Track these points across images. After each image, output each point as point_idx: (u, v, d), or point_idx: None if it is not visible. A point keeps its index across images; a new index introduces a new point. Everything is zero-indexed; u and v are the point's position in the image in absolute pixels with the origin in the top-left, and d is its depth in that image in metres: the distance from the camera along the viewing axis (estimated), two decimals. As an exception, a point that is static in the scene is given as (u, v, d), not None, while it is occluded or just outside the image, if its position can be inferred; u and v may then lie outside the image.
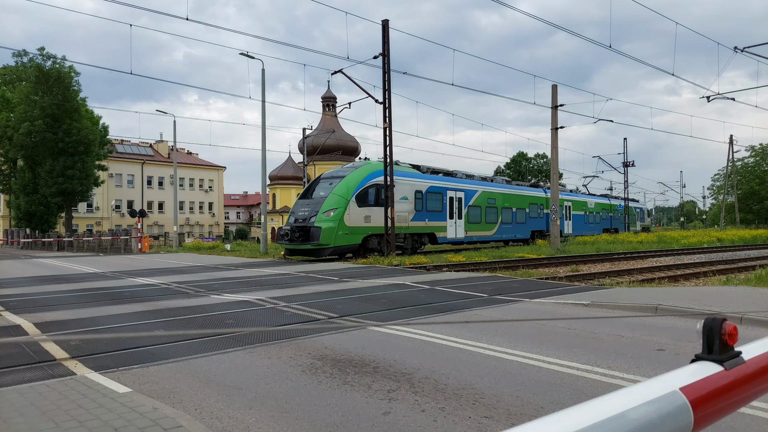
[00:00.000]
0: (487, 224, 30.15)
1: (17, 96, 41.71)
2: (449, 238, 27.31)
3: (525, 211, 33.97)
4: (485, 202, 30.01)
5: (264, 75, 27.51)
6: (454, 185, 27.90)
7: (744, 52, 22.66)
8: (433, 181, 26.44)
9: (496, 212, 31.00)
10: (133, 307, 9.29)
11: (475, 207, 29.17)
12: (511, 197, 32.85)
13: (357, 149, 48.38)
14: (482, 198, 29.87)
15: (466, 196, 28.51)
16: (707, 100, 26.42)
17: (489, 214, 30.36)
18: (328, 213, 20.97)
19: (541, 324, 7.33)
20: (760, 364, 1.16)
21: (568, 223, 39.14)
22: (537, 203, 35.59)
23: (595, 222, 44.36)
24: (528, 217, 34.16)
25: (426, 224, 25.56)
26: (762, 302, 8.72)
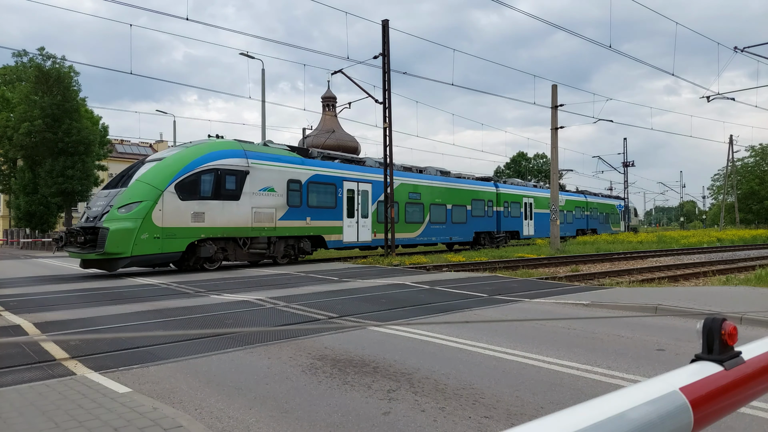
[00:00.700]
0: (409, 224, 24.59)
1: (17, 96, 41.69)
2: (347, 242, 21.57)
3: (466, 208, 28.40)
4: (405, 197, 24.43)
5: (264, 75, 27.53)
6: (354, 174, 21.97)
7: (744, 52, 22.67)
8: (319, 169, 20.62)
9: (421, 210, 25.42)
10: (133, 307, 9.29)
11: None
12: (445, 192, 27.15)
13: (357, 149, 48.35)
14: (399, 192, 24.05)
15: (376, 190, 22.77)
16: (707, 100, 26.44)
17: (412, 212, 24.82)
18: (127, 208, 15.20)
19: (541, 324, 7.33)
20: (760, 364, 1.16)
21: (527, 223, 34.76)
22: (482, 199, 30.01)
23: (566, 222, 39.65)
24: (470, 216, 28.68)
25: (307, 224, 19.83)
26: (762, 302, 8.72)
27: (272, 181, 18.63)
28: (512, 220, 32.88)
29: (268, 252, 18.56)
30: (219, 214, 16.99)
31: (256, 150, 18.65)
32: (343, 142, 45.46)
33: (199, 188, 16.66)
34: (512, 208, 32.90)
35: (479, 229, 29.65)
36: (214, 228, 16.90)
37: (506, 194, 32.55)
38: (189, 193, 16.33)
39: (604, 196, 50.03)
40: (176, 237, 16.01)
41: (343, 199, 21.37)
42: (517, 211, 33.47)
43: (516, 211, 33.30)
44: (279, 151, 19.80)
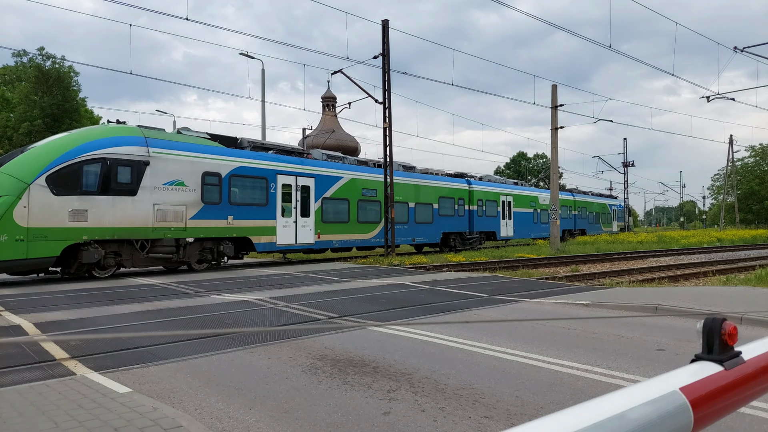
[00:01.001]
0: (362, 224, 22.13)
1: (17, 96, 41.69)
2: (283, 244, 18.96)
3: (432, 207, 25.92)
4: (357, 194, 21.91)
5: (263, 75, 27.53)
6: (292, 168, 19.48)
7: (744, 52, 22.67)
8: (245, 160, 18.00)
9: (378, 208, 22.82)
10: (133, 307, 9.29)
11: (338, 201, 21.16)
12: (407, 189, 24.57)
13: (357, 149, 48.37)
14: (350, 188, 21.64)
15: (320, 185, 20.42)
16: (707, 100, 26.45)
17: (365, 210, 22.33)
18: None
19: (541, 324, 7.33)
20: (760, 364, 1.16)
21: (506, 223, 32.22)
22: (452, 197, 27.49)
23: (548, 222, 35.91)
24: (437, 215, 26.15)
25: (229, 224, 17.26)
26: (762, 302, 8.72)
27: (182, 173, 15.99)
28: (488, 219, 30.46)
29: (176, 256, 16.07)
30: (108, 212, 14.46)
31: (162, 137, 16.06)
32: (343, 142, 45.45)
33: (81, 181, 14.11)
34: (488, 207, 30.46)
35: (449, 229, 27.12)
36: (101, 228, 14.34)
37: (480, 192, 29.96)
38: (66, 186, 13.82)
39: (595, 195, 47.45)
40: (48, 239, 13.47)
41: (276, 195, 18.73)
42: (494, 210, 31.04)
43: (492, 210, 30.90)
44: (193, 139, 17.11)
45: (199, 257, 16.74)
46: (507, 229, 32.43)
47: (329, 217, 20.80)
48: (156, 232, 15.43)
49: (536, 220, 35.73)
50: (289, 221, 19.21)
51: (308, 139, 36.90)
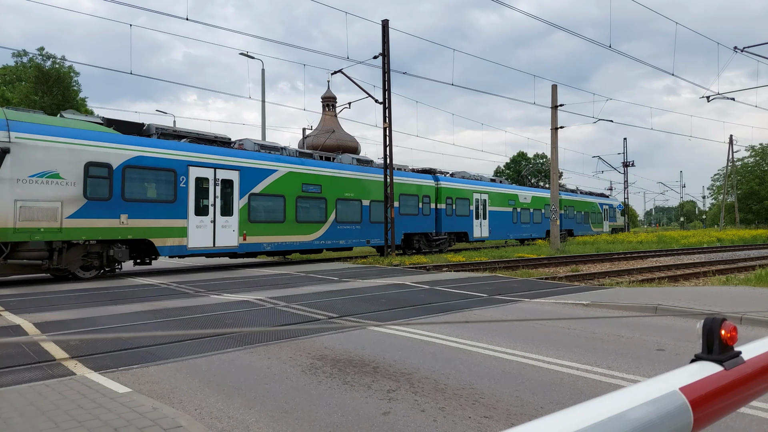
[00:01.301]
0: (302, 224, 19.59)
1: (17, 96, 41.69)
2: (196, 248, 16.12)
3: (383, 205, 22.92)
4: (296, 190, 19.40)
5: (264, 75, 27.53)
6: (209, 159, 16.66)
7: (744, 52, 22.68)
8: (145, 149, 15.29)
9: (323, 206, 20.42)
10: (133, 307, 9.28)
11: (272, 197, 18.57)
12: (360, 185, 22.03)
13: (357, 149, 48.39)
14: (288, 183, 19.08)
15: (247, 179, 17.76)
16: (707, 100, 26.45)
17: (306, 208, 19.86)
18: None
19: (541, 324, 7.33)
20: (759, 364, 1.16)
21: (480, 223, 29.57)
22: (415, 195, 25.10)
23: (531, 222, 34.58)
24: (397, 214, 23.62)
25: (123, 224, 14.69)
26: (762, 302, 8.72)
27: (57, 163, 13.41)
28: (459, 219, 27.84)
29: (49, 263, 13.46)
30: None
31: (32, 120, 13.41)
32: (343, 142, 45.52)
33: None
34: (459, 206, 27.82)
35: (411, 229, 24.66)
36: None
37: (450, 189, 27.28)
38: None
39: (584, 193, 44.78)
40: None
41: (188, 190, 15.96)
42: (466, 209, 28.39)
43: (464, 209, 28.27)
44: (77, 123, 14.52)
45: (83, 263, 14.22)
46: (481, 229, 29.70)
47: (259, 216, 18.15)
48: (19, 234, 12.75)
49: (515, 220, 32.91)
50: (205, 221, 16.45)
51: (308, 139, 36.89)
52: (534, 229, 35.02)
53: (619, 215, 50.41)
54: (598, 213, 45.27)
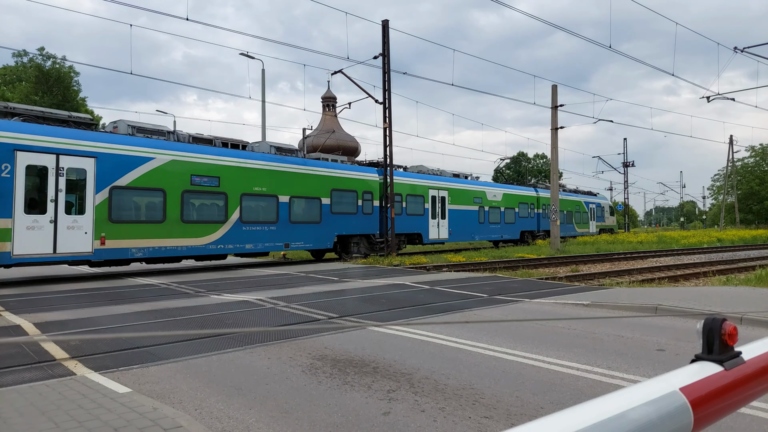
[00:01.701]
0: (191, 225, 16.14)
1: (17, 96, 41.70)
2: (24, 255, 13.04)
3: (319, 202, 20.12)
4: (183, 183, 16.01)
5: (264, 75, 27.53)
6: (48, 142, 13.61)
7: (744, 52, 22.68)
8: None
9: (222, 203, 17.07)
10: (133, 307, 9.29)
11: (146, 192, 15.27)
12: (275, 178, 18.72)
13: (357, 149, 48.40)
14: (170, 174, 15.71)
15: (108, 168, 14.55)
16: (707, 101, 26.45)
17: (197, 206, 16.47)
18: None
19: (542, 324, 7.33)
20: (760, 364, 1.16)
21: (437, 223, 26.05)
22: (353, 190, 21.59)
23: (502, 222, 31.27)
24: (328, 212, 20.43)
25: None
26: (762, 302, 8.72)
27: None
28: (410, 219, 24.45)
29: None
30: None
31: None
32: (343, 142, 45.48)
33: None
34: (411, 204, 24.48)
35: (346, 230, 21.33)
36: None
37: (398, 185, 23.79)
38: None
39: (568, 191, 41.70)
40: None
41: (13, 181, 12.91)
42: (420, 208, 25.05)
43: (417, 207, 24.92)
44: None
45: None
46: (439, 230, 26.20)
47: (126, 215, 14.84)
48: None
49: (483, 220, 29.40)
50: (40, 220, 13.30)
51: (308, 139, 36.91)
52: (506, 229, 31.83)
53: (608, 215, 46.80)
54: (584, 212, 41.94)
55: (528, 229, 34.13)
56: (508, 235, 32.03)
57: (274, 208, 18.63)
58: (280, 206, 18.79)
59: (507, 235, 31.90)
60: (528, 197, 34.44)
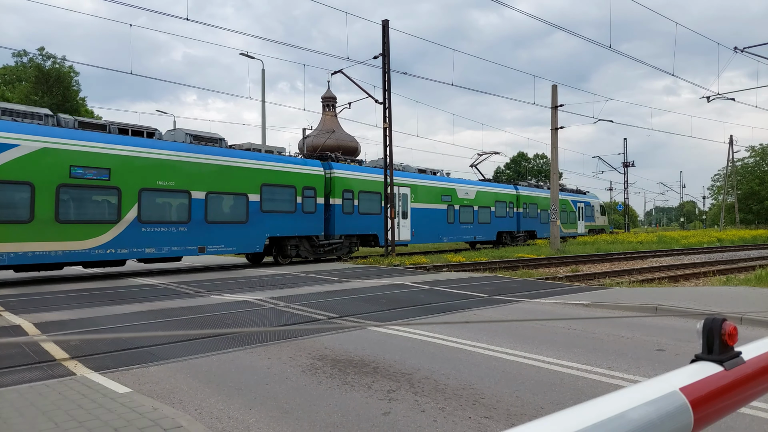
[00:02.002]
0: (69, 225, 13.68)
1: (17, 96, 41.71)
2: None
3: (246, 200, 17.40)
4: (59, 176, 13.58)
5: (264, 75, 27.53)
6: None
7: (744, 53, 22.69)
8: None
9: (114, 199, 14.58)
10: (133, 307, 9.29)
11: (4, 186, 12.77)
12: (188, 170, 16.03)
13: (357, 149, 48.42)
14: (41, 164, 13.26)
15: None
16: (707, 101, 26.45)
17: (79, 202, 13.98)
18: None
19: (541, 324, 7.33)
20: (760, 364, 1.16)
21: (396, 222, 23.42)
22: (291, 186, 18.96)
23: (476, 221, 28.71)
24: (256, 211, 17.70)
25: None
26: (762, 302, 8.72)
27: None
28: (363, 218, 22.05)
29: None
30: None
31: None
32: (343, 142, 45.49)
33: None
34: (364, 202, 22.05)
35: (283, 232, 18.63)
36: None
37: (347, 179, 21.57)
38: None
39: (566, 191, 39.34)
40: None
41: None
42: (376, 206, 22.58)
43: (372, 205, 22.48)
44: None
45: None
46: (400, 230, 23.66)
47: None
48: None
49: (452, 219, 26.83)
50: None
51: (308, 139, 36.91)
52: (480, 230, 29.22)
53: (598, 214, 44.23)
54: (571, 212, 38.98)
55: (506, 230, 31.80)
56: (483, 235, 29.65)
57: (185, 206, 15.97)
58: (193, 204, 16.11)
59: (481, 236, 29.51)
60: (506, 195, 32.06)
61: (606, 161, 60.43)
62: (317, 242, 20.11)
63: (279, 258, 19.33)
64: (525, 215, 33.48)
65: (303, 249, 19.74)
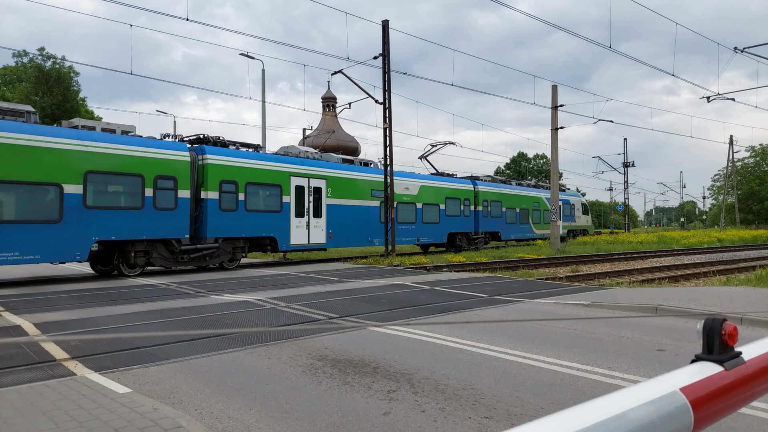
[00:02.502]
0: None
1: (17, 96, 41.72)
2: None
3: (53, 192, 13.58)
4: None
5: (264, 75, 27.52)
6: None
7: (744, 53, 22.69)
8: None
9: None
10: (133, 307, 9.29)
11: None
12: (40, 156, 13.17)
13: (357, 149, 48.44)
14: None
15: None
16: (707, 101, 26.46)
17: None
18: None
19: (542, 324, 7.33)
20: (760, 364, 1.16)
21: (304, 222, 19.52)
22: (138, 176, 15.07)
23: (419, 221, 25.14)
24: (76, 207, 13.92)
25: None
26: (762, 302, 8.71)
27: None
28: (253, 217, 18.08)
29: None
30: None
31: None
32: (343, 142, 45.52)
33: None
34: (253, 197, 18.14)
35: (118, 234, 14.65)
36: None
37: (228, 169, 17.36)
38: None
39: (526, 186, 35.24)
40: None
41: None
42: (275, 203, 18.79)
43: (270, 201, 18.69)
44: None
45: None
46: (310, 232, 19.74)
47: None
48: None
49: (383, 219, 22.70)
50: None
51: (308, 139, 36.91)
52: (425, 230, 25.41)
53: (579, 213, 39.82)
54: (545, 210, 34.92)
55: (460, 231, 27.72)
56: (430, 237, 25.82)
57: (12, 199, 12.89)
58: None
59: (427, 238, 25.69)
60: (460, 191, 27.74)
61: (606, 161, 60.50)
62: (178, 247, 15.95)
63: (124, 267, 15.29)
64: (486, 214, 29.58)
65: (157, 256, 15.75)
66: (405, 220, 24.40)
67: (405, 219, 24.43)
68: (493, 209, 30.26)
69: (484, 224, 29.53)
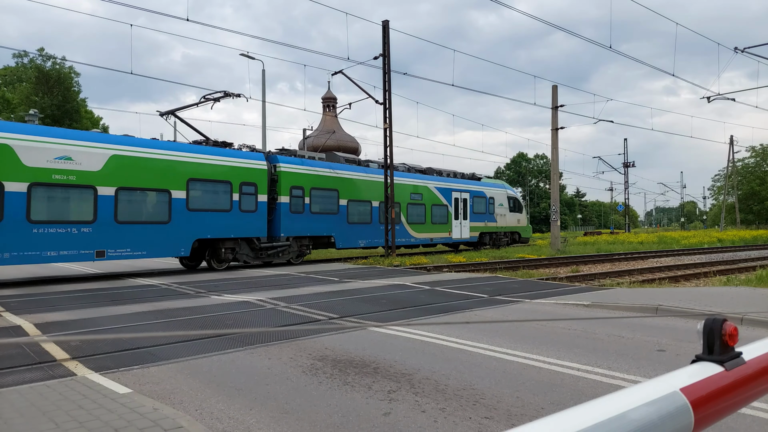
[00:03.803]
0: None
1: (17, 97, 41.76)
2: None
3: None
4: None
5: (264, 75, 27.53)
6: None
7: (744, 53, 22.68)
8: None
9: None
10: (134, 307, 9.29)
11: None
12: None
13: (357, 149, 48.44)
14: None
15: None
16: (707, 101, 26.45)
17: None
18: None
19: (542, 324, 7.33)
20: (760, 364, 1.16)
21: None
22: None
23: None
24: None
25: None
26: (762, 303, 8.71)
27: None
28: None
29: None
30: None
31: None
32: (343, 142, 45.47)
33: None
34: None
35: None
36: None
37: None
38: None
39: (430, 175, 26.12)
40: None
41: None
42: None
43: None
44: None
45: None
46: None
47: None
48: None
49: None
50: None
51: (308, 139, 36.89)
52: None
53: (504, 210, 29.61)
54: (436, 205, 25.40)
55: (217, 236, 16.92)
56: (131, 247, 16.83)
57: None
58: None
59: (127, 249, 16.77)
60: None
61: (606, 161, 60.48)
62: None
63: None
64: (298, 209, 19.11)
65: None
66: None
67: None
68: (317, 201, 19.88)
69: (294, 225, 19.04)
